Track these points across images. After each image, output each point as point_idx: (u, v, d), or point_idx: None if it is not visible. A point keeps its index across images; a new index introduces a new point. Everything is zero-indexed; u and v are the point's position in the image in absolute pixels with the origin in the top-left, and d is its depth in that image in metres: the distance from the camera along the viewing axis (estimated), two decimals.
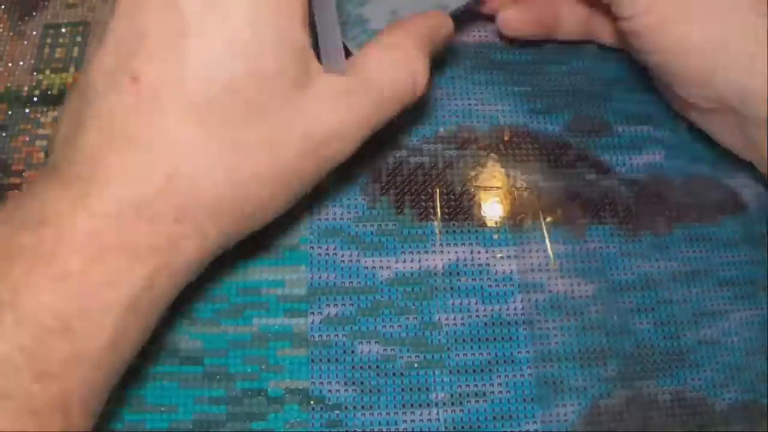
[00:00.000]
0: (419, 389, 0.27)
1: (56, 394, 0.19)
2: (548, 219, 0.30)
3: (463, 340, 0.28)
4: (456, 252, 0.29)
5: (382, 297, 0.28)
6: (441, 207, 0.30)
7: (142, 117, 0.20)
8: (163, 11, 0.20)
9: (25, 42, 0.32)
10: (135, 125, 0.20)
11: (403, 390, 0.27)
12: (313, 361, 0.27)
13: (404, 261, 0.29)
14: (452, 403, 0.27)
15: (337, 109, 0.22)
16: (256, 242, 0.28)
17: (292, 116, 0.21)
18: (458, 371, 0.27)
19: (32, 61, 0.32)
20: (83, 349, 0.19)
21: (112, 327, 0.20)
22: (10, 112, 0.31)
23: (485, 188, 0.30)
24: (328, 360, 0.27)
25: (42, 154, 0.30)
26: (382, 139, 0.31)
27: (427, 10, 0.29)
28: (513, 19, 0.31)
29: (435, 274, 0.29)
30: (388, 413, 0.27)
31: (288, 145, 0.21)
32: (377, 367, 0.27)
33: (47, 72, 0.32)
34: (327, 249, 0.29)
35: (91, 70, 0.21)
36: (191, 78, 0.20)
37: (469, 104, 0.32)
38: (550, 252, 0.29)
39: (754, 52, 0.24)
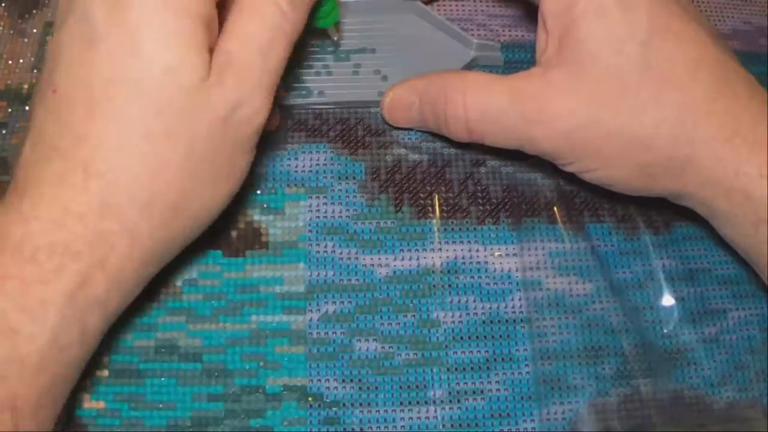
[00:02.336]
0: (417, 387, 0.27)
1: (2, 395, 0.20)
2: (547, 217, 0.30)
3: (461, 338, 0.28)
4: (454, 250, 0.29)
5: (380, 295, 0.28)
6: (439, 205, 0.30)
7: (60, 124, 0.22)
8: (76, 25, 0.22)
9: (26, 40, 0.32)
10: (55, 133, 0.22)
11: (401, 387, 0.27)
12: (311, 358, 0.27)
13: (402, 259, 0.29)
14: (450, 401, 0.27)
15: (241, 81, 0.23)
16: (254, 240, 0.29)
17: (196, 104, 0.22)
18: (456, 369, 0.27)
19: (32, 59, 0.32)
20: (25, 349, 0.20)
21: (51, 324, 0.21)
22: (10, 110, 0.31)
23: (483, 186, 0.30)
24: (326, 357, 0.27)
25: None
26: (382, 138, 0.31)
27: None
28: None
29: (433, 271, 0.29)
30: (385, 411, 0.27)
31: (197, 130, 0.22)
32: (375, 364, 0.27)
33: None
34: (325, 246, 0.29)
35: (34, 90, 0.23)
36: (97, 81, 0.21)
37: None
38: (548, 250, 0.29)
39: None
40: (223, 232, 0.29)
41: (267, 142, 0.30)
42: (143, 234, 0.22)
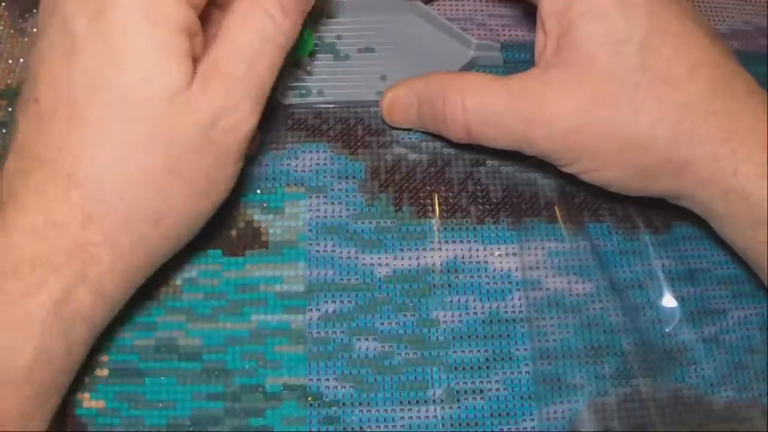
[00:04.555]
0: (417, 386, 0.27)
1: None
2: (547, 216, 0.30)
3: (461, 338, 0.28)
4: (454, 249, 0.29)
5: (380, 294, 0.28)
6: (439, 204, 0.30)
7: (42, 135, 0.22)
8: (56, 35, 0.22)
9: (26, 39, 0.32)
10: (38, 144, 0.22)
11: (400, 387, 0.27)
12: (310, 357, 0.27)
13: (402, 258, 0.29)
14: (450, 401, 0.27)
15: (227, 89, 0.23)
16: (254, 239, 0.29)
17: (177, 111, 0.22)
18: (456, 368, 0.27)
19: None
20: (11, 362, 0.20)
21: (35, 338, 0.21)
22: (10, 109, 0.31)
23: (483, 186, 0.30)
24: (326, 356, 0.27)
25: None
26: (381, 137, 0.31)
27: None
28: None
29: (433, 271, 0.29)
30: (385, 410, 0.27)
31: (178, 138, 0.22)
32: (375, 363, 0.27)
33: None
34: (325, 246, 0.29)
35: (17, 100, 0.23)
36: (78, 92, 0.22)
37: None
38: (548, 250, 0.29)
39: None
40: (223, 231, 0.29)
41: (266, 142, 0.30)
42: (124, 245, 0.22)
